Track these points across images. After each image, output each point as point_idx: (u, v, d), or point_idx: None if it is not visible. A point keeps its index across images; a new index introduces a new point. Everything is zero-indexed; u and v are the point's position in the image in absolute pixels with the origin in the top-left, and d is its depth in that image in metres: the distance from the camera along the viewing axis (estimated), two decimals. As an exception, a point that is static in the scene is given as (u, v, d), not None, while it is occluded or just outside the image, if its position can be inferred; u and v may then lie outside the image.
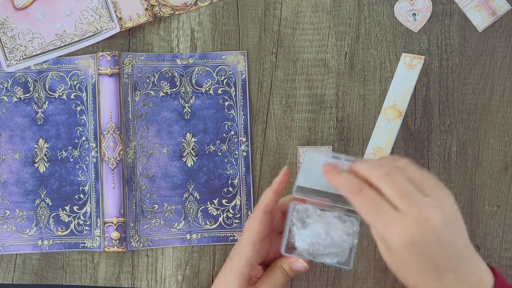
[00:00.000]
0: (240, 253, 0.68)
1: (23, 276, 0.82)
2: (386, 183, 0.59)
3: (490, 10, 0.83)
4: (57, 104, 0.83)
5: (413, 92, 0.83)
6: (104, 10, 0.83)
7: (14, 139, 0.83)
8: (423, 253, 0.57)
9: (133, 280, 0.82)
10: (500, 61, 0.83)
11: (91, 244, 0.81)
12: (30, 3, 0.83)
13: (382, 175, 0.59)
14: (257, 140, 0.84)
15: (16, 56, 0.83)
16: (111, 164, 0.80)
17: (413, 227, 0.56)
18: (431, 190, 0.58)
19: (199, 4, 0.84)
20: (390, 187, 0.58)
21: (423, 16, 0.84)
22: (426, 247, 0.57)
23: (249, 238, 0.68)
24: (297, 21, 0.85)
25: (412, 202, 0.57)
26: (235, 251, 0.70)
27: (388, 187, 0.58)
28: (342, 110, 0.84)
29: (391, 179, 0.59)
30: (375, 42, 0.84)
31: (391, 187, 0.58)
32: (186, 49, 0.84)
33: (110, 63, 0.81)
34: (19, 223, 0.82)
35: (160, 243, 0.82)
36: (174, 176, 0.83)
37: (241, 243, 0.69)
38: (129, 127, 0.82)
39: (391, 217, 0.57)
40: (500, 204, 0.82)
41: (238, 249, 0.69)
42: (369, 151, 0.82)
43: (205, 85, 0.84)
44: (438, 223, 0.56)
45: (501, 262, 0.82)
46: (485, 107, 0.83)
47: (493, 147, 0.83)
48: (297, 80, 0.84)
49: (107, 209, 0.80)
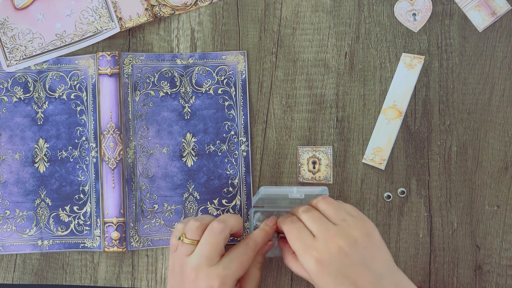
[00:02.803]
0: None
1: (23, 276, 0.82)
2: (305, 215, 0.70)
3: (490, 10, 0.83)
4: (57, 104, 0.83)
5: (413, 92, 0.83)
6: (104, 10, 0.83)
7: (14, 139, 0.83)
8: (336, 272, 0.65)
9: (133, 280, 0.82)
10: (500, 61, 0.83)
11: (91, 244, 0.81)
12: (30, 3, 0.83)
13: (303, 210, 0.71)
14: (257, 140, 0.84)
15: (16, 56, 0.83)
16: (111, 164, 0.80)
17: (323, 249, 0.66)
18: (342, 220, 0.68)
19: (199, 4, 0.84)
20: (307, 218, 0.69)
21: (423, 16, 0.84)
22: (336, 266, 0.65)
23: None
24: (297, 21, 0.85)
25: (324, 229, 0.67)
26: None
27: (306, 218, 0.69)
28: (342, 110, 0.84)
29: (309, 213, 0.70)
30: (375, 42, 0.84)
31: (308, 218, 0.69)
32: (186, 49, 0.84)
33: (110, 63, 0.81)
34: (19, 223, 0.82)
35: (160, 243, 0.82)
36: (174, 176, 0.83)
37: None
38: (129, 127, 0.82)
39: (309, 241, 0.67)
40: (500, 204, 0.82)
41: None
42: (369, 151, 0.82)
43: (205, 85, 0.84)
44: (344, 246, 0.65)
45: (501, 262, 0.82)
46: (485, 107, 0.83)
47: (493, 147, 0.83)
48: (297, 80, 0.84)
49: (107, 209, 0.80)
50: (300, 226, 0.69)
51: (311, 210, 0.71)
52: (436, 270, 0.82)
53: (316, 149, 0.83)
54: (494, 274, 0.82)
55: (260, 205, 0.79)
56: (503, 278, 0.82)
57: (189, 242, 0.71)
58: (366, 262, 0.66)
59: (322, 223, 0.68)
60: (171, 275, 0.73)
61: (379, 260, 0.67)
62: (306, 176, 0.83)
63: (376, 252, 0.67)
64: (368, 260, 0.66)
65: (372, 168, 0.83)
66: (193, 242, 0.71)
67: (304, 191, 0.75)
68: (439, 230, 0.82)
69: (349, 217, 0.69)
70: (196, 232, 0.71)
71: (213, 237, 0.70)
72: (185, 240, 0.71)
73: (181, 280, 0.70)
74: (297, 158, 0.83)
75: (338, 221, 0.68)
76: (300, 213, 0.71)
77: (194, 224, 0.72)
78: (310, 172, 0.83)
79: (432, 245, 0.82)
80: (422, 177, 0.83)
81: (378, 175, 0.83)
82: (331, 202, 0.71)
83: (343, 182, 0.83)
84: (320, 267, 0.65)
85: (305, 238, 0.67)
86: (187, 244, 0.71)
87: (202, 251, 0.69)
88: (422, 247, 0.82)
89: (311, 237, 0.67)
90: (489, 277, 0.82)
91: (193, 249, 0.70)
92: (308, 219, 0.69)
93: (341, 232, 0.67)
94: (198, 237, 0.71)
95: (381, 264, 0.66)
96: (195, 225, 0.71)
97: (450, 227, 0.82)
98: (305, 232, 0.68)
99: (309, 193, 0.75)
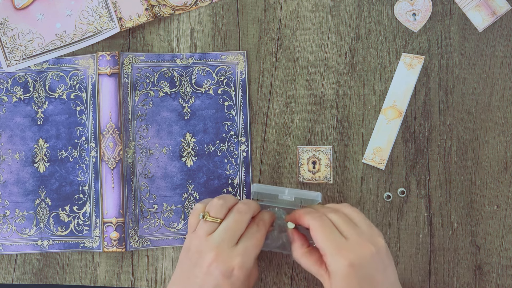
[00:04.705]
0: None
1: (23, 276, 0.82)
2: (335, 216, 0.71)
3: (490, 10, 0.83)
4: (57, 104, 0.83)
5: (413, 92, 0.83)
6: (104, 10, 0.83)
7: (14, 139, 0.83)
8: (363, 276, 0.66)
9: (133, 280, 0.82)
10: (500, 61, 0.83)
11: (91, 244, 0.82)
12: (30, 3, 0.83)
13: (332, 211, 0.72)
14: (257, 140, 0.84)
15: (16, 56, 0.83)
16: (110, 164, 0.80)
17: (357, 252, 0.67)
18: (368, 227, 0.70)
19: (199, 4, 0.84)
20: (338, 218, 0.70)
21: (423, 16, 0.84)
22: (366, 270, 0.66)
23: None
24: (297, 21, 0.85)
25: (357, 233, 0.68)
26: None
27: (337, 218, 0.70)
28: (342, 110, 0.84)
29: (339, 214, 0.71)
30: (375, 42, 0.84)
31: (339, 219, 0.70)
32: (186, 49, 0.84)
33: (109, 63, 0.81)
34: (19, 223, 0.82)
35: (159, 243, 0.82)
36: (173, 176, 0.83)
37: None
38: (129, 127, 0.82)
39: (342, 242, 0.68)
40: (500, 204, 0.82)
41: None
42: (369, 151, 0.82)
43: (205, 85, 0.84)
44: (374, 252, 0.67)
45: (501, 262, 0.82)
46: (485, 107, 0.83)
47: (493, 147, 0.83)
48: (297, 80, 0.84)
49: (106, 209, 0.80)
50: (331, 225, 0.70)
51: (338, 211, 0.72)
52: (436, 270, 0.82)
53: (316, 149, 0.83)
54: (494, 274, 0.82)
55: (259, 199, 0.79)
56: (503, 278, 0.82)
57: (212, 220, 0.71)
58: (385, 270, 0.68)
59: (354, 227, 0.69)
60: (184, 257, 0.72)
61: (392, 270, 0.69)
62: (306, 176, 0.83)
63: (391, 262, 0.70)
64: (386, 269, 0.68)
65: (372, 168, 0.83)
66: (216, 220, 0.71)
67: (296, 193, 0.76)
68: (439, 230, 0.82)
69: (372, 226, 0.71)
70: (220, 210, 0.71)
71: (238, 217, 0.71)
72: (208, 218, 0.71)
73: (197, 262, 0.69)
74: (297, 158, 0.83)
75: (365, 227, 0.70)
76: (327, 212, 0.71)
77: (218, 203, 0.72)
78: (310, 172, 0.83)
79: (432, 245, 0.82)
80: (422, 177, 0.83)
81: (378, 175, 0.83)
82: (355, 209, 0.73)
83: (343, 182, 0.83)
84: (351, 270, 0.66)
85: (338, 239, 0.68)
86: (209, 222, 0.71)
87: (227, 229, 0.70)
88: (422, 247, 0.82)
89: (344, 239, 0.68)
90: (489, 277, 0.82)
91: (215, 227, 0.70)
92: (339, 220, 0.70)
93: (371, 238, 0.69)
94: (222, 216, 0.71)
95: (393, 274, 0.69)
96: (219, 203, 0.72)
97: (450, 227, 0.82)
98: (337, 233, 0.69)
99: (300, 196, 0.76)
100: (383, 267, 0.68)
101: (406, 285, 0.82)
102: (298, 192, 0.76)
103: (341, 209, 0.73)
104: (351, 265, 0.66)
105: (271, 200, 0.78)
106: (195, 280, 0.69)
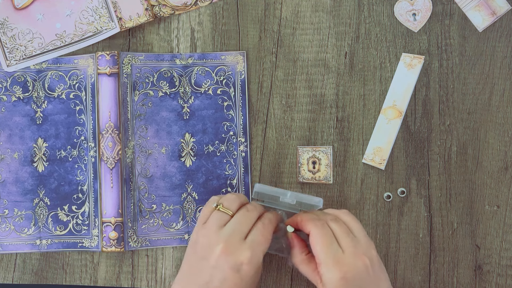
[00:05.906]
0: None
1: (23, 276, 0.82)
2: (335, 224, 0.71)
3: (490, 10, 0.83)
4: (56, 104, 0.83)
5: (413, 92, 0.83)
6: (104, 10, 0.83)
7: (13, 138, 0.83)
8: (355, 286, 0.67)
9: (133, 280, 0.82)
10: (500, 61, 0.83)
11: (89, 244, 0.82)
12: (30, 3, 0.83)
13: (332, 219, 0.72)
14: (257, 140, 0.84)
15: (16, 56, 0.83)
16: (109, 164, 0.80)
17: (351, 266, 0.67)
18: (364, 237, 0.71)
19: (199, 4, 0.84)
20: (337, 227, 0.71)
21: (423, 16, 0.84)
22: (358, 283, 0.67)
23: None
24: (297, 21, 0.85)
25: (353, 245, 0.69)
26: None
27: (336, 227, 0.71)
28: (342, 110, 0.84)
29: (338, 223, 0.71)
30: (375, 42, 0.84)
31: (338, 228, 0.71)
32: (186, 49, 0.84)
33: (109, 63, 0.81)
34: (17, 222, 0.82)
35: (158, 243, 0.82)
36: (172, 176, 0.83)
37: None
38: (128, 127, 0.82)
39: (339, 254, 0.68)
40: (500, 204, 0.82)
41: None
42: (369, 151, 0.82)
43: (204, 85, 0.84)
44: (368, 264, 0.68)
45: (501, 262, 0.82)
46: (485, 107, 0.83)
47: (493, 147, 0.82)
48: (297, 80, 0.84)
49: (105, 209, 0.80)
50: (332, 235, 0.70)
51: (339, 220, 0.72)
52: (436, 270, 0.82)
53: (316, 149, 0.83)
54: (494, 274, 0.82)
55: (260, 199, 0.79)
56: (503, 278, 0.82)
57: (224, 210, 0.71)
58: (378, 282, 0.69)
59: (352, 238, 0.70)
60: (192, 250, 0.72)
61: (384, 283, 0.70)
62: (306, 176, 0.83)
63: (383, 273, 0.71)
64: (378, 281, 0.69)
65: (372, 168, 0.83)
66: (228, 211, 0.71)
67: (297, 197, 0.76)
68: (439, 230, 0.82)
69: (367, 237, 0.71)
70: (233, 203, 0.72)
71: (247, 213, 0.71)
72: (222, 208, 0.71)
73: (204, 255, 0.69)
74: (297, 158, 0.83)
75: (361, 238, 0.71)
76: (329, 220, 0.72)
77: (232, 196, 0.73)
78: (310, 172, 0.83)
79: (432, 245, 0.82)
80: (422, 177, 0.82)
81: (378, 175, 0.83)
82: (353, 218, 0.73)
83: (343, 182, 0.83)
84: (344, 282, 0.67)
85: (336, 251, 0.68)
86: (221, 213, 0.71)
87: (238, 222, 0.70)
88: (422, 247, 0.82)
89: (341, 250, 0.69)
90: (489, 277, 0.82)
91: (225, 220, 0.71)
92: (340, 230, 0.70)
93: (366, 250, 0.69)
94: (234, 209, 0.72)
95: (385, 285, 0.70)
96: (233, 197, 0.73)
97: (450, 227, 0.82)
98: (335, 244, 0.69)
99: (302, 200, 0.76)
100: (376, 280, 0.69)
101: (406, 285, 0.82)
102: (300, 196, 0.76)
103: (340, 216, 0.73)
104: (344, 278, 0.67)
105: (272, 202, 0.78)
106: (202, 274, 0.69)
